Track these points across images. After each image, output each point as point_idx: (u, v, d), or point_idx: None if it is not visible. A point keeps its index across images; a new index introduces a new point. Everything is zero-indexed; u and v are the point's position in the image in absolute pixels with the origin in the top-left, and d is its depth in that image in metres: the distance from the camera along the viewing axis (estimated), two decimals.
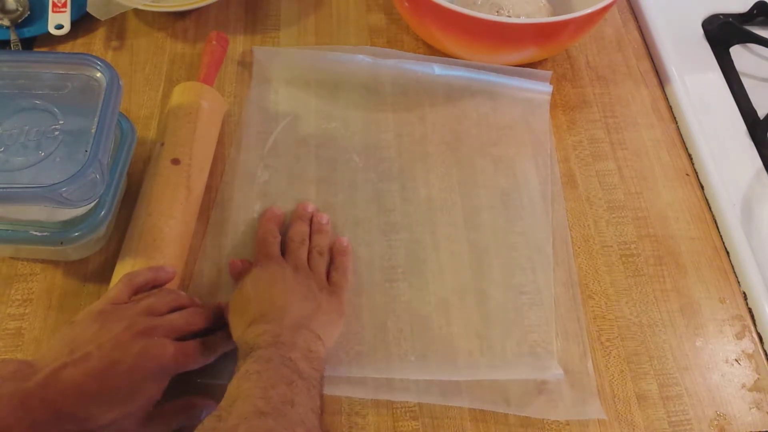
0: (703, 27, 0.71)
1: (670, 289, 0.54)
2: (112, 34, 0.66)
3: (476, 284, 0.53)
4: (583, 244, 0.56)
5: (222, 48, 0.61)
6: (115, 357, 0.40)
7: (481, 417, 0.48)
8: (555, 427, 0.47)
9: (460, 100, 0.63)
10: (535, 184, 0.58)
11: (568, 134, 0.62)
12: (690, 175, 0.61)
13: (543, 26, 0.57)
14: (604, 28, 0.70)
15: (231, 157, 0.58)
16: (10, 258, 0.52)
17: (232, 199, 0.56)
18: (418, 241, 0.55)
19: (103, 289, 0.50)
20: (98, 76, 0.47)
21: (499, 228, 0.56)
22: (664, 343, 0.52)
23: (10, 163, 0.43)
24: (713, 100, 0.65)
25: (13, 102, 0.46)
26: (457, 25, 0.58)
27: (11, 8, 0.63)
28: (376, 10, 0.70)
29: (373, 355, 0.49)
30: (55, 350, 0.40)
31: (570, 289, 0.53)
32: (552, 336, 0.50)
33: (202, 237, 0.54)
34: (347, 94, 0.62)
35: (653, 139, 0.63)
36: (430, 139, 0.60)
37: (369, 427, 0.47)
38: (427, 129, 0.61)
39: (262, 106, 0.61)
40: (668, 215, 0.58)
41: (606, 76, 0.67)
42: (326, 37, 0.67)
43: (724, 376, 0.51)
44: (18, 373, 0.38)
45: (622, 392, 0.49)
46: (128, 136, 0.52)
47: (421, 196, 0.57)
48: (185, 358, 0.43)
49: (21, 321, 0.50)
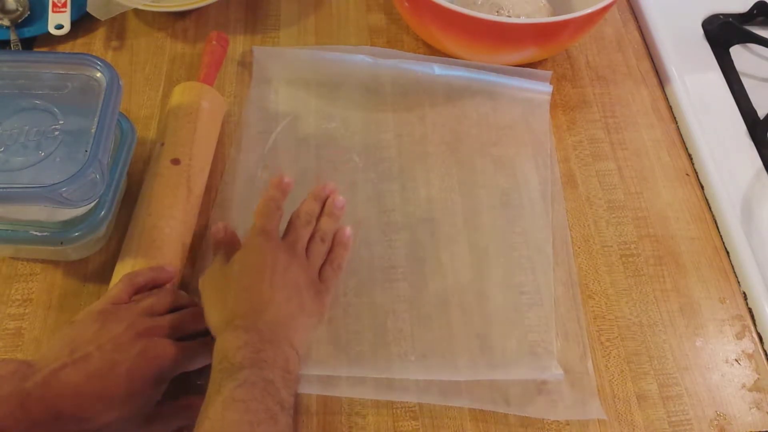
0: (703, 27, 0.71)
1: (670, 289, 0.54)
2: (112, 34, 0.66)
3: (476, 284, 0.53)
4: (583, 244, 0.56)
5: (222, 48, 0.61)
6: (115, 358, 0.40)
7: (481, 417, 0.48)
8: (555, 427, 0.47)
9: (460, 100, 0.63)
10: (535, 184, 0.58)
11: (568, 134, 0.62)
12: (690, 175, 0.61)
13: (543, 26, 0.57)
14: (604, 28, 0.70)
15: (231, 157, 0.58)
16: (10, 258, 0.52)
17: (232, 199, 0.56)
18: (418, 241, 0.55)
19: (103, 289, 0.50)
20: (98, 76, 0.47)
21: (499, 228, 0.56)
22: (664, 343, 0.52)
23: (10, 163, 0.43)
24: (713, 100, 0.65)
25: (13, 102, 0.46)
26: (457, 25, 0.58)
27: (11, 8, 0.63)
28: (376, 10, 0.70)
29: (373, 355, 0.49)
30: (55, 350, 0.40)
31: (570, 289, 0.53)
32: (552, 336, 0.50)
33: (202, 237, 0.53)
34: (347, 94, 0.62)
35: (653, 139, 0.63)
36: (430, 139, 0.60)
37: (369, 427, 0.47)
38: (427, 129, 0.61)
39: (262, 106, 0.61)
40: (668, 215, 0.58)
41: (606, 76, 0.67)
42: (326, 37, 0.67)
43: (724, 376, 0.50)
44: (17, 373, 0.38)
45: (622, 392, 0.49)
46: (128, 136, 0.52)
47: (421, 196, 0.57)
48: (185, 359, 0.43)
49: (21, 321, 0.50)
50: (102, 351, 0.40)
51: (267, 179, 0.57)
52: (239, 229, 0.52)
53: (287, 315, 0.43)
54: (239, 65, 0.64)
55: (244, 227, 0.54)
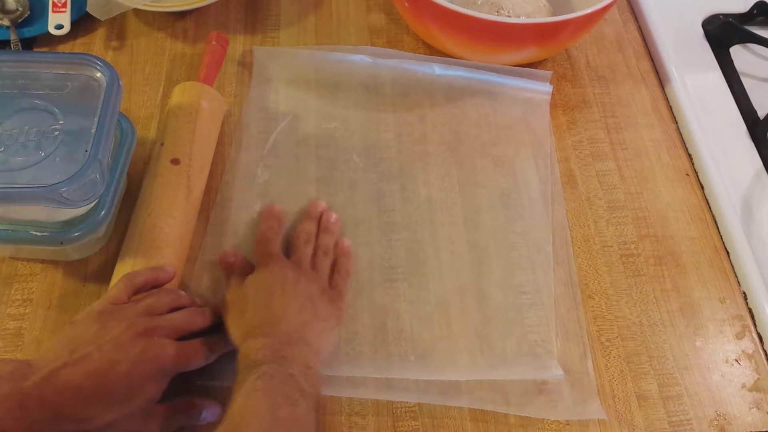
0: (703, 27, 0.71)
1: (670, 289, 0.54)
2: (112, 34, 0.66)
3: (476, 284, 0.53)
4: (583, 244, 0.56)
5: (222, 48, 0.61)
6: (114, 358, 0.40)
7: (481, 417, 0.48)
8: (555, 428, 0.47)
9: (460, 100, 0.63)
10: (535, 184, 0.58)
11: (568, 134, 0.62)
12: (690, 175, 0.61)
13: (543, 26, 0.57)
14: (604, 28, 0.70)
15: (231, 157, 0.58)
16: (10, 258, 0.52)
17: (232, 199, 0.56)
18: (418, 241, 0.55)
19: (103, 289, 0.50)
20: (98, 76, 0.47)
21: (499, 228, 0.56)
22: (664, 343, 0.52)
23: (10, 163, 0.43)
24: (713, 100, 0.65)
25: (13, 102, 0.46)
26: (457, 25, 0.58)
27: (11, 8, 0.63)
28: (376, 10, 0.70)
29: (373, 355, 0.49)
30: (55, 350, 0.40)
31: (570, 289, 0.53)
32: (552, 336, 0.50)
33: (202, 237, 0.53)
34: (347, 94, 0.62)
35: (653, 139, 0.63)
36: (430, 139, 0.60)
37: (369, 427, 0.47)
38: (427, 129, 0.61)
39: (262, 106, 0.61)
40: (668, 215, 0.58)
41: (606, 76, 0.67)
42: (326, 37, 0.67)
43: (724, 376, 0.50)
44: (16, 373, 0.38)
45: (622, 392, 0.49)
46: (128, 136, 0.52)
47: (421, 196, 0.57)
48: (185, 359, 0.43)
49: (21, 321, 0.50)
50: (102, 351, 0.40)
51: (267, 179, 0.57)
52: (240, 226, 0.52)
53: (301, 323, 0.45)
54: (239, 65, 0.64)
55: (243, 227, 0.54)
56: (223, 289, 0.51)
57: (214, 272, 0.52)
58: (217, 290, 0.51)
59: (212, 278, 0.52)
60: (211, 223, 0.54)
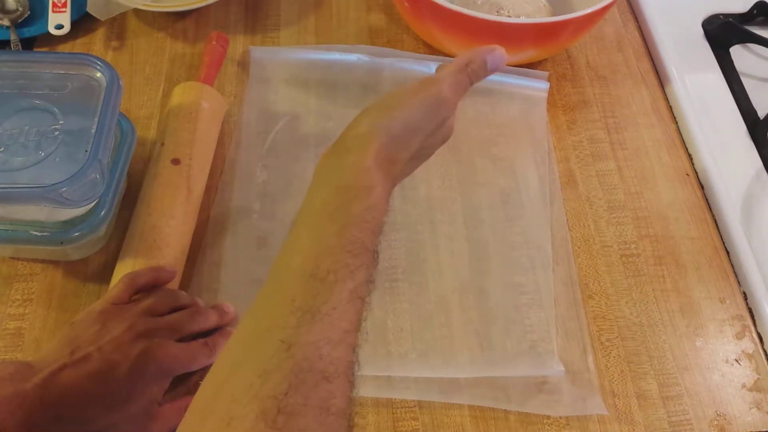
0: (703, 27, 0.71)
1: (670, 289, 0.54)
2: (112, 34, 0.66)
3: (476, 283, 0.53)
4: (583, 244, 0.56)
5: (222, 48, 0.61)
6: (115, 358, 0.40)
7: (482, 416, 0.48)
8: (555, 426, 0.47)
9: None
10: (534, 183, 0.58)
11: (568, 134, 0.62)
12: (690, 175, 0.61)
13: (543, 26, 0.57)
14: (604, 28, 0.70)
15: (230, 156, 0.58)
16: (10, 258, 0.52)
17: (232, 199, 0.56)
18: (417, 241, 0.55)
19: (104, 289, 0.50)
20: (98, 76, 0.47)
21: (498, 227, 0.56)
22: (664, 343, 0.52)
23: (10, 163, 0.43)
24: (713, 100, 0.65)
25: (13, 102, 0.46)
26: (457, 25, 0.58)
27: (11, 8, 0.63)
28: (376, 10, 0.70)
29: (373, 354, 0.49)
30: (55, 351, 0.40)
31: (570, 288, 0.53)
32: (552, 335, 0.50)
33: (202, 237, 0.53)
34: (346, 93, 0.62)
35: (653, 139, 0.63)
36: None
37: (369, 427, 0.47)
38: None
39: (260, 105, 0.61)
40: (668, 215, 0.58)
41: (606, 76, 0.67)
42: (326, 37, 0.67)
43: (724, 376, 0.51)
44: (17, 374, 0.38)
45: (622, 392, 0.49)
46: (128, 136, 0.52)
47: (421, 196, 0.57)
48: (186, 360, 0.43)
49: (21, 321, 0.50)
50: (102, 352, 0.40)
51: (266, 179, 0.57)
52: (240, 226, 0.52)
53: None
54: (239, 65, 0.64)
55: (243, 228, 0.54)
56: (222, 290, 0.50)
57: (214, 272, 0.52)
58: (217, 290, 0.51)
59: (212, 278, 0.52)
60: (211, 223, 0.54)
